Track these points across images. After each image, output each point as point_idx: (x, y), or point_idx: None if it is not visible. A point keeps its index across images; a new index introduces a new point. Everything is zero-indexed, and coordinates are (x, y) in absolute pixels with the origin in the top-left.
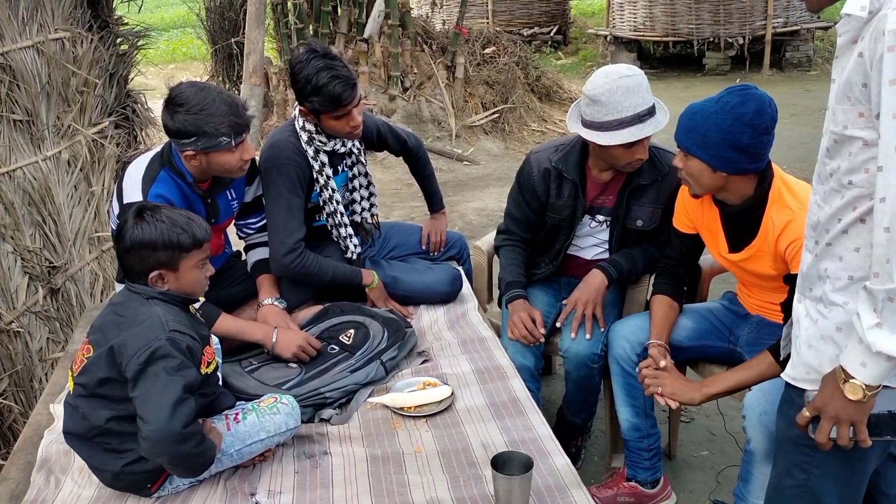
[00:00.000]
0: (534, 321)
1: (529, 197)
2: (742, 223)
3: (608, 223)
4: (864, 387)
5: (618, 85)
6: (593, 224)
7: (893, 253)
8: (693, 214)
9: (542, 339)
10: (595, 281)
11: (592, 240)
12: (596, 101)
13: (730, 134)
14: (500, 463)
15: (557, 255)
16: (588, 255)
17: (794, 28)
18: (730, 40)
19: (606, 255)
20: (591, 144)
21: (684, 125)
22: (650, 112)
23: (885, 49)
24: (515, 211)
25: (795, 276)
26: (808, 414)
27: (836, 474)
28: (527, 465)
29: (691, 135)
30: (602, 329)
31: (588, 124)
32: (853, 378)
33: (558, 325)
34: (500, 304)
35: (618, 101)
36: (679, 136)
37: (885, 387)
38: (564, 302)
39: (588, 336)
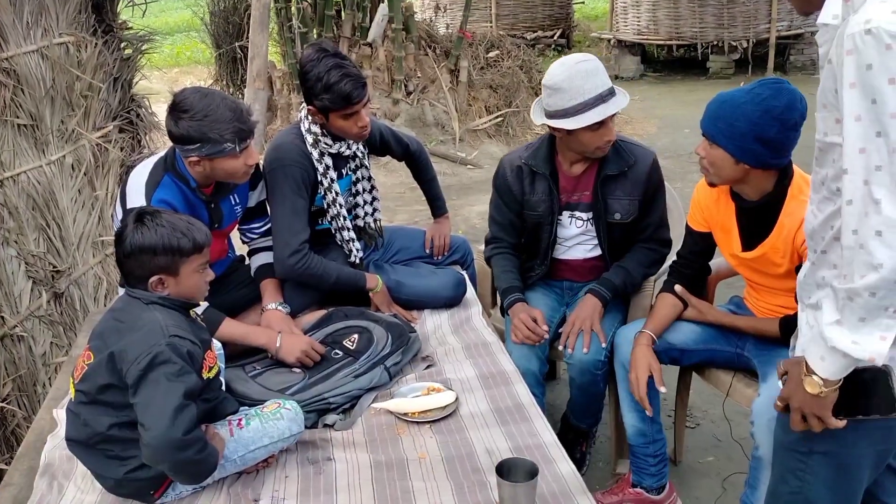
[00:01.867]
0: (535, 320)
1: (507, 198)
2: (758, 220)
3: (591, 220)
4: (821, 382)
5: (576, 70)
6: (579, 224)
7: (856, 254)
8: (708, 212)
9: (547, 336)
10: (590, 303)
11: (579, 238)
12: (558, 89)
13: (758, 126)
14: (505, 469)
15: (546, 255)
16: (579, 254)
17: (798, 31)
18: (734, 44)
19: (598, 253)
20: (558, 137)
21: (712, 113)
22: (611, 93)
23: (844, 53)
24: (497, 215)
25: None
26: (780, 403)
27: (830, 481)
28: (532, 472)
29: (718, 123)
30: (603, 345)
31: (552, 114)
32: (814, 372)
33: (560, 347)
34: (502, 313)
35: (578, 86)
36: (705, 124)
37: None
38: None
39: (585, 350)
